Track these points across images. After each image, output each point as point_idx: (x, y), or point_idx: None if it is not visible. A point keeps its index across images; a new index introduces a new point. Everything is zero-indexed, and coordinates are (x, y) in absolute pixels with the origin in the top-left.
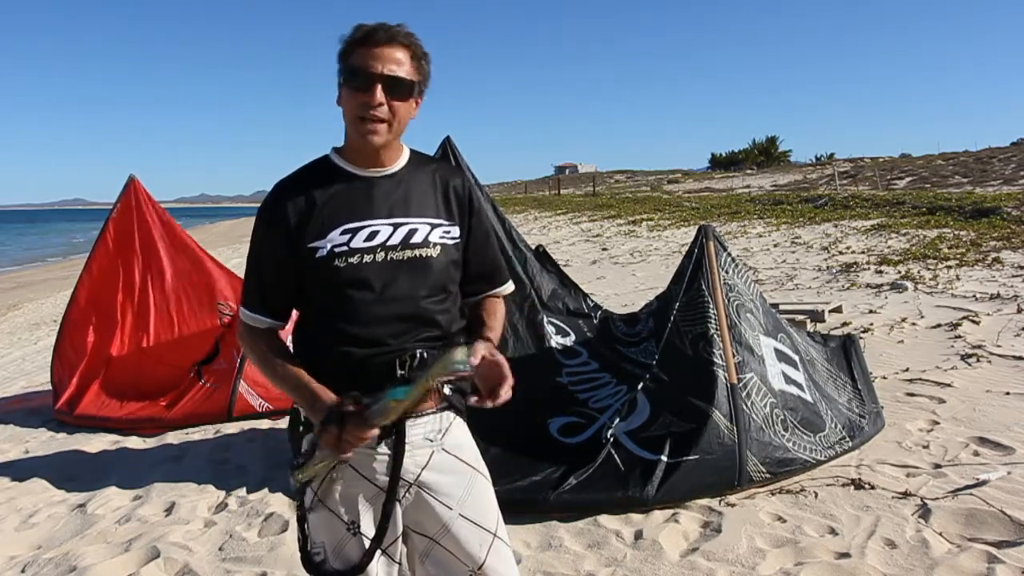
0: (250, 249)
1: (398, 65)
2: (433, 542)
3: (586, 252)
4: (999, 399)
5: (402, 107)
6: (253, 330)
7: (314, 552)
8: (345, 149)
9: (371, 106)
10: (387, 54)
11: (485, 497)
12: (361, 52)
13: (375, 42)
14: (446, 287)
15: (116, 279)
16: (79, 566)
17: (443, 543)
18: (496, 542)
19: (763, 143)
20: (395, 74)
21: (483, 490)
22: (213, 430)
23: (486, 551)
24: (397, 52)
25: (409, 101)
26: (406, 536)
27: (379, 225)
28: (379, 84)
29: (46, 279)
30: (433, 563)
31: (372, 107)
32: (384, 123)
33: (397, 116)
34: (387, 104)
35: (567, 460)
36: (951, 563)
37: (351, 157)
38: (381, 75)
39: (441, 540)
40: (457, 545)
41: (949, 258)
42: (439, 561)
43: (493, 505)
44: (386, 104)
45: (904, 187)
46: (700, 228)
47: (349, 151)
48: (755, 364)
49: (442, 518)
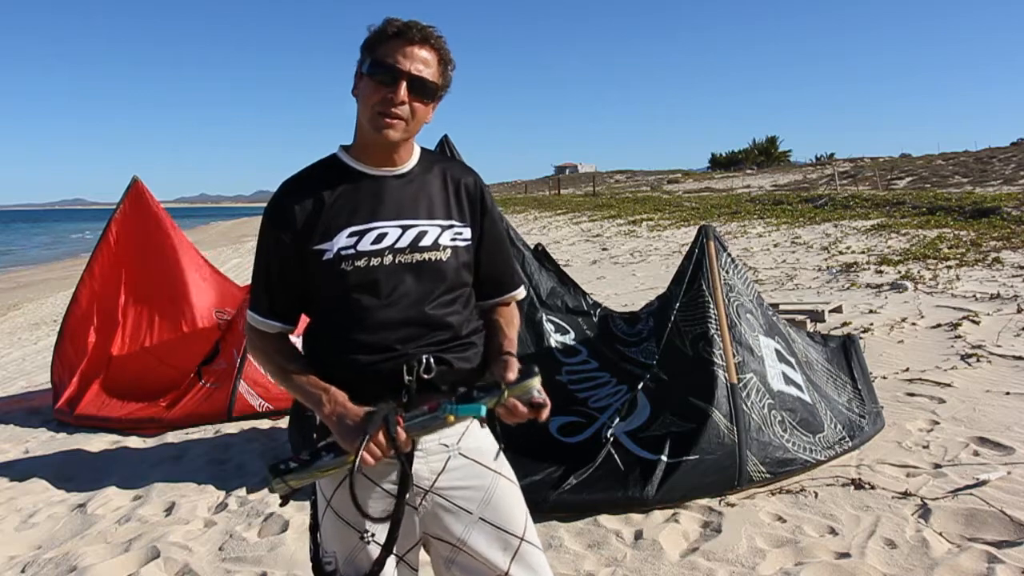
0: (257, 251)
1: (426, 66)
2: (456, 548)
3: (586, 252)
4: (999, 399)
5: (421, 108)
6: (263, 335)
7: (325, 561)
8: (355, 146)
9: (393, 102)
10: (417, 53)
11: (509, 500)
12: (391, 47)
13: (408, 39)
14: (457, 290)
15: (118, 280)
16: (79, 566)
17: (467, 549)
18: (524, 546)
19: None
20: (422, 74)
21: (506, 493)
22: (213, 430)
23: (511, 556)
24: (427, 53)
25: (429, 104)
26: (428, 544)
27: (387, 227)
28: (405, 81)
29: (46, 279)
30: (460, 569)
31: (394, 104)
32: (402, 121)
33: (416, 116)
34: (408, 103)
35: (567, 460)
36: (951, 563)
37: (361, 155)
38: (408, 73)
39: (464, 546)
40: (481, 550)
41: (949, 258)
42: (466, 567)
43: (519, 508)
44: (408, 103)
45: (904, 187)
46: (701, 228)
47: (359, 148)
48: (755, 364)
49: (463, 524)
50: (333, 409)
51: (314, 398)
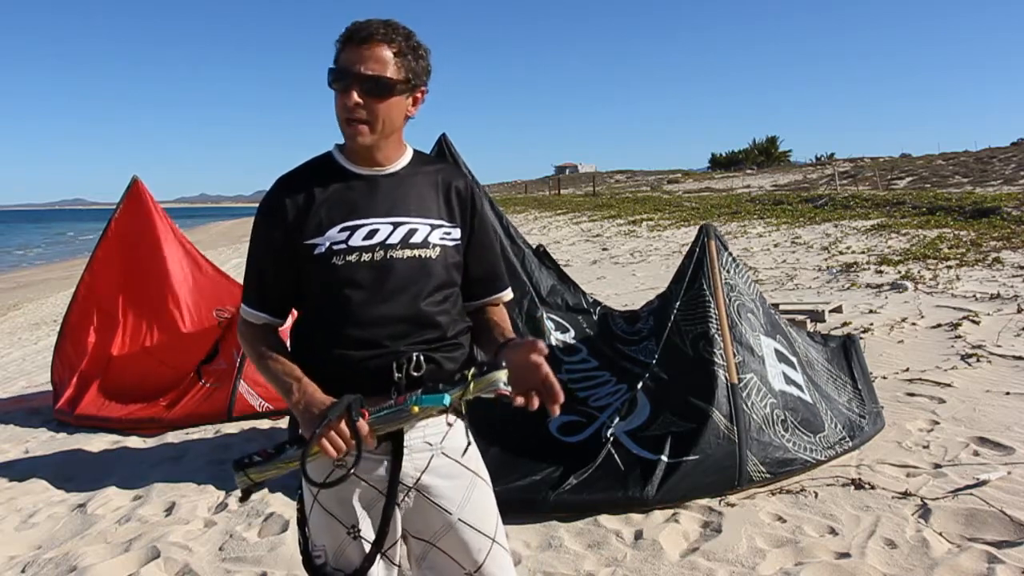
0: (250, 245)
1: (378, 63)
2: (430, 545)
3: (586, 252)
4: (999, 399)
5: (383, 107)
6: (251, 326)
7: (315, 555)
8: (346, 147)
9: (348, 107)
10: (365, 53)
11: (484, 502)
12: (342, 52)
13: (355, 41)
14: (447, 289)
15: (118, 280)
16: (79, 566)
17: (441, 547)
18: (495, 547)
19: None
20: (372, 72)
21: (483, 494)
22: (213, 430)
23: (484, 556)
24: (377, 50)
25: (390, 100)
26: (404, 539)
27: (379, 224)
28: (356, 84)
29: (46, 279)
30: (429, 567)
31: (350, 108)
32: (365, 124)
33: (379, 116)
34: (366, 105)
35: (567, 460)
36: (951, 563)
37: (351, 156)
38: (357, 74)
39: (438, 544)
40: (455, 549)
41: (949, 258)
42: (434, 565)
43: (493, 510)
44: (365, 104)
45: (904, 187)
46: (702, 227)
47: (348, 150)
48: (755, 364)
49: (441, 522)
50: (300, 397)
51: (285, 386)
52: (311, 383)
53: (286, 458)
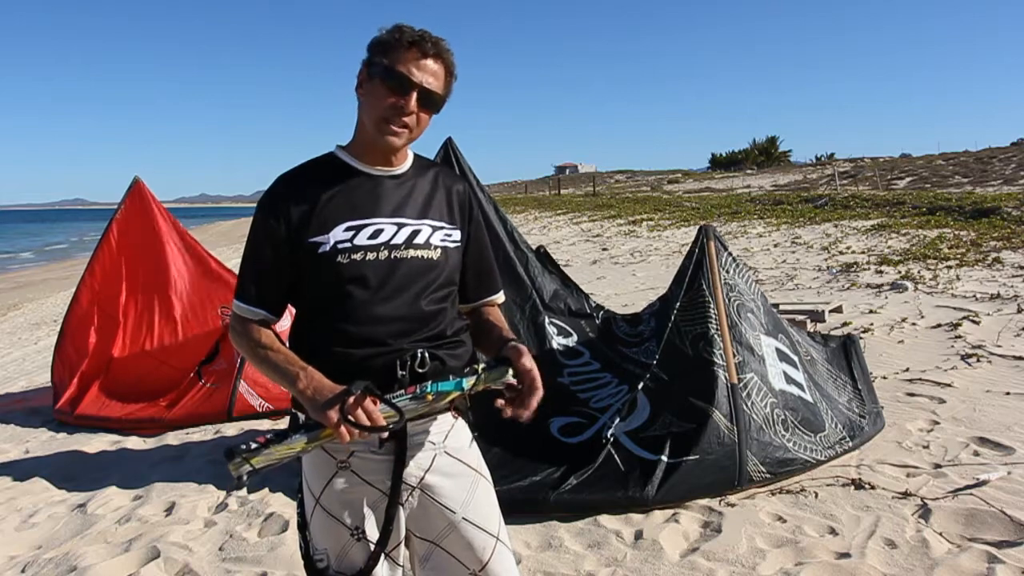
0: (248, 240)
1: (435, 78)
2: (434, 545)
3: (586, 252)
4: (999, 399)
5: (426, 119)
6: (246, 322)
7: (317, 559)
8: (355, 144)
9: (403, 112)
10: (429, 66)
11: (488, 500)
12: (405, 56)
13: (422, 51)
14: (447, 288)
15: (119, 280)
16: (79, 566)
17: (445, 546)
18: (498, 545)
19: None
20: (431, 87)
21: (486, 493)
22: (213, 430)
23: (489, 555)
24: (437, 66)
25: (433, 115)
26: (408, 540)
27: (384, 223)
28: (416, 92)
29: (46, 279)
30: (433, 567)
31: (404, 113)
32: (408, 129)
33: (420, 126)
34: (416, 113)
35: (567, 460)
36: (951, 563)
37: (360, 153)
38: (420, 85)
39: (443, 543)
40: (459, 549)
41: (949, 258)
42: (439, 565)
43: (495, 508)
44: (416, 113)
45: (904, 187)
46: (701, 228)
47: (359, 146)
48: (756, 364)
49: (445, 522)
50: (308, 384)
51: (290, 375)
52: (316, 371)
53: (291, 443)
